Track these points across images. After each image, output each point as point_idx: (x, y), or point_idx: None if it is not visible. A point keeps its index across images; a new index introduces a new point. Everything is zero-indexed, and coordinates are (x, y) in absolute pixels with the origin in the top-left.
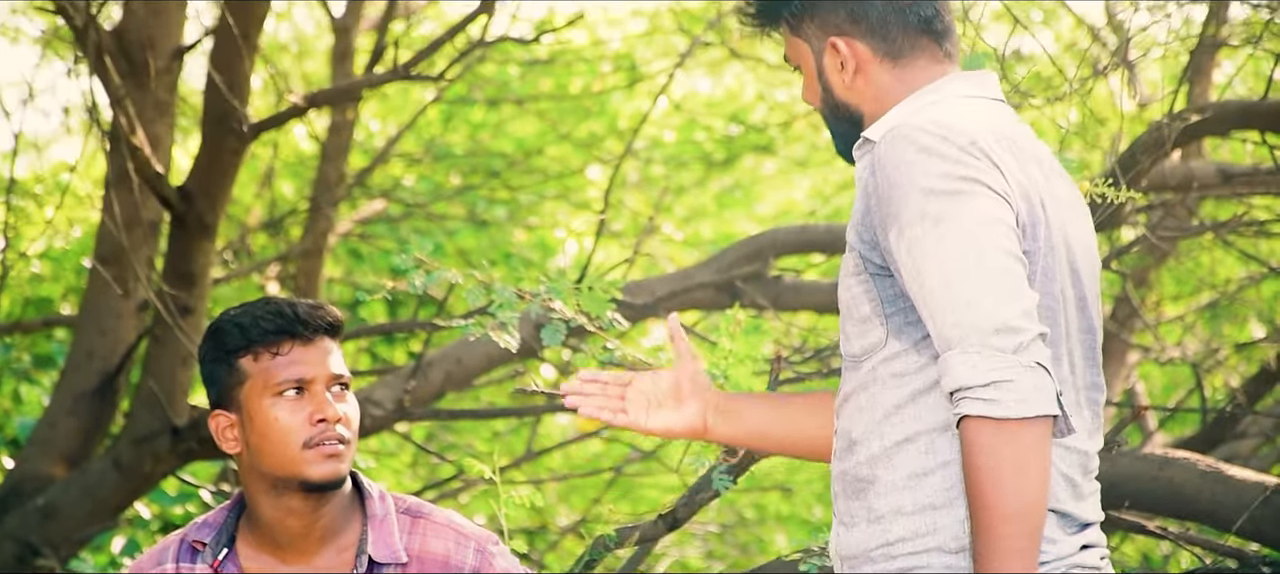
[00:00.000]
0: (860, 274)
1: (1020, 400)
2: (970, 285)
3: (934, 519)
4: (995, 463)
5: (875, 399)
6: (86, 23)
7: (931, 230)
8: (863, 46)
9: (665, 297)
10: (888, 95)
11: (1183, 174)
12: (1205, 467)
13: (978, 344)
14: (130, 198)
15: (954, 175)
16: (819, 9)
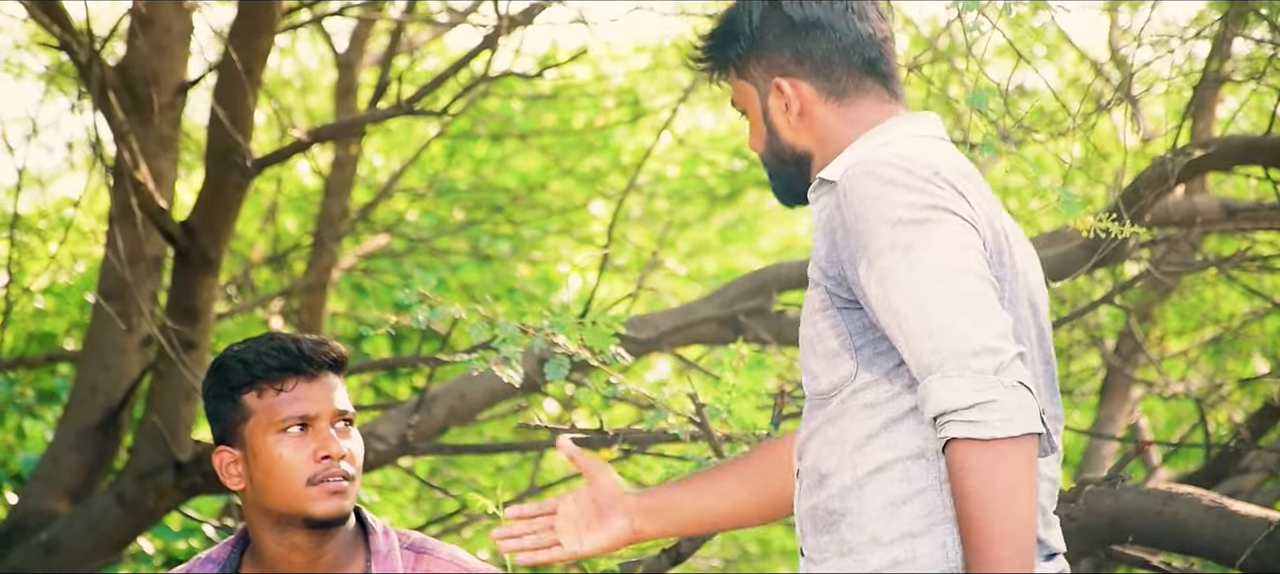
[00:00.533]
0: (826, 310)
1: (1006, 419)
2: (945, 310)
3: (913, 547)
4: (984, 485)
5: (845, 431)
6: (90, 58)
7: (902, 259)
8: (807, 87)
9: (668, 331)
10: (834, 135)
11: (1186, 209)
12: (1209, 502)
13: (958, 367)
14: (134, 233)
15: (920, 204)
16: (764, 50)
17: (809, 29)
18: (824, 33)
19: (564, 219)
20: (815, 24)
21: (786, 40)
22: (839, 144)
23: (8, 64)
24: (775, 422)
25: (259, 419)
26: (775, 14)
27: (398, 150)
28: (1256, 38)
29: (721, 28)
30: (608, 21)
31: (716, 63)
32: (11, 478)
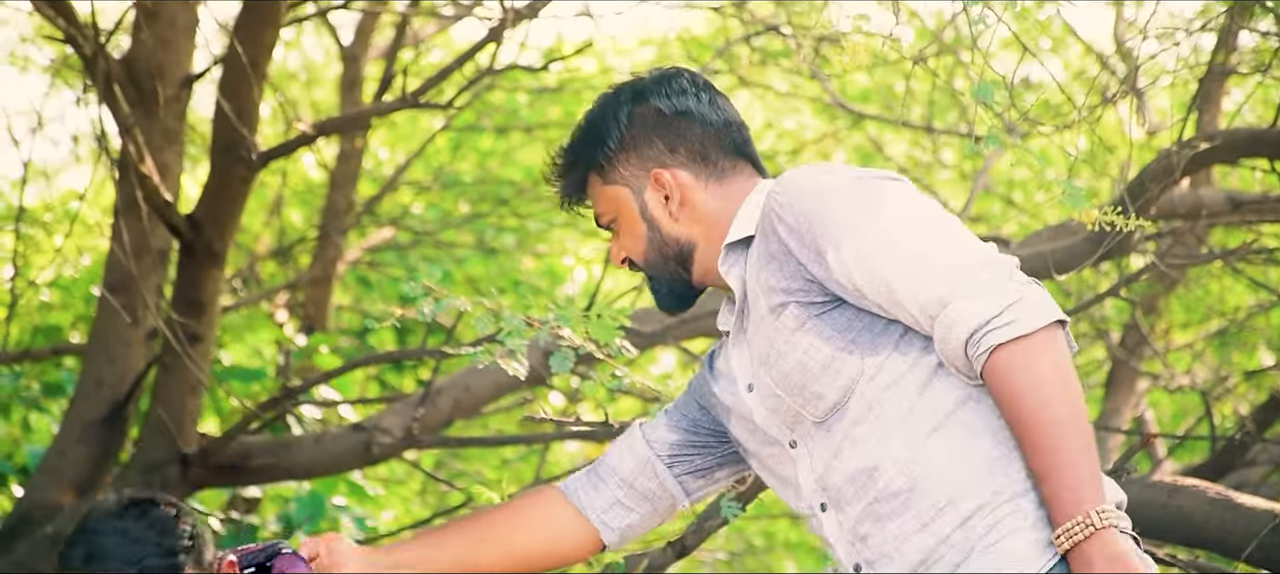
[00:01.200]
0: (804, 325)
1: (1038, 312)
2: (935, 244)
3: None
4: (1037, 377)
5: (881, 418)
6: (95, 52)
7: (869, 225)
8: (685, 175)
9: (674, 324)
10: (719, 214)
11: (1192, 202)
12: (1214, 494)
13: (973, 286)
14: (139, 226)
15: (860, 178)
16: (635, 147)
17: (679, 119)
18: (695, 121)
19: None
20: (686, 113)
21: (659, 133)
22: (727, 219)
23: (13, 57)
24: None
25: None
26: (644, 110)
27: (403, 143)
28: (1262, 31)
29: (585, 134)
30: (613, 14)
31: (581, 170)
32: (17, 471)
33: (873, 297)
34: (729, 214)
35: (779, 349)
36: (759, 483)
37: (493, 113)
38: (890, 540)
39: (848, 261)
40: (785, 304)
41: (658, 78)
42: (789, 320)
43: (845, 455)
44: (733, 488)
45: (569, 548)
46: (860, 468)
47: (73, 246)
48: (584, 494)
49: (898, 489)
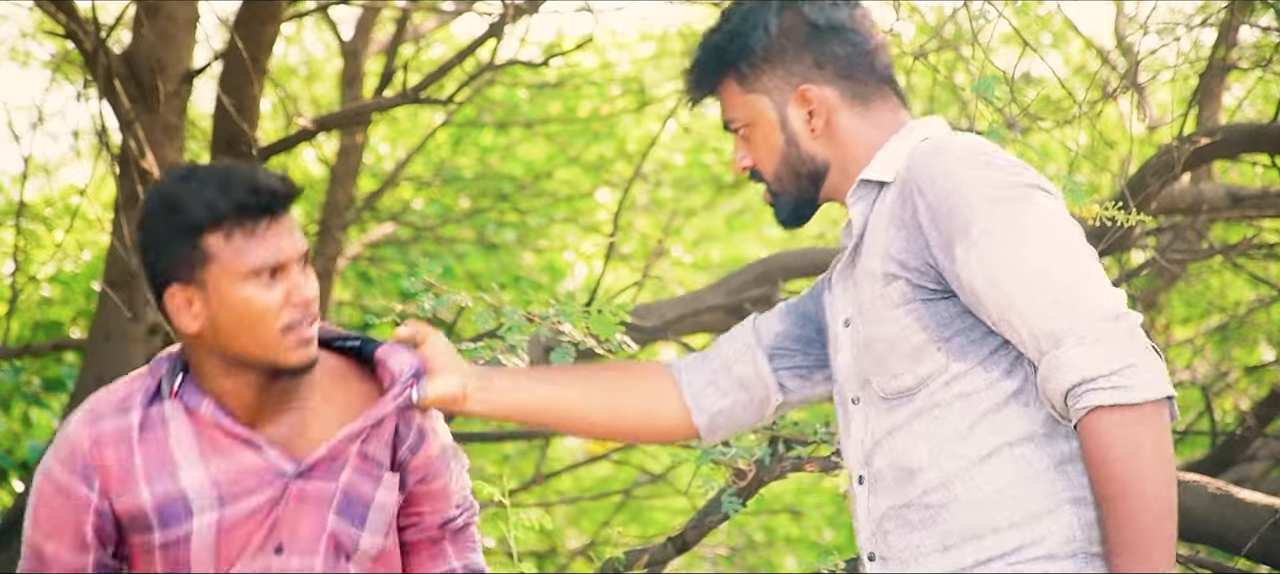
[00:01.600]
0: (909, 303)
1: (1150, 383)
2: (1068, 277)
3: (1040, 528)
4: (1134, 449)
5: (940, 424)
6: (96, 47)
7: (1008, 234)
8: (832, 92)
9: (674, 319)
10: (859, 140)
11: (1192, 197)
12: (1215, 489)
13: (1093, 334)
14: None
15: (1014, 182)
16: (783, 57)
17: (832, 33)
18: (846, 37)
19: (570, 207)
20: (838, 28)
21: (809, 46)
22: (867, 148)
23: (14, 52)
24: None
25: (226, 264)
26: (794, 18)
27: (403, 138)
28: (1263, 26)
29: (728, 35)
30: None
31: (719, 71)
32: (18, 466)
33: (989, 306)
34: (869, 142)
35: (877, 314)
36: (760, 479)
37: (493, 108)
38: (909, 549)
39: (976, 264)
40: (897, 277)
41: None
42: (894, 294)
43: (896, 443)
44: (733, 484)
45: (666, 424)
46: (905, 463)
47: (73, 242)
48: (687, 372)
49: (932, 502)
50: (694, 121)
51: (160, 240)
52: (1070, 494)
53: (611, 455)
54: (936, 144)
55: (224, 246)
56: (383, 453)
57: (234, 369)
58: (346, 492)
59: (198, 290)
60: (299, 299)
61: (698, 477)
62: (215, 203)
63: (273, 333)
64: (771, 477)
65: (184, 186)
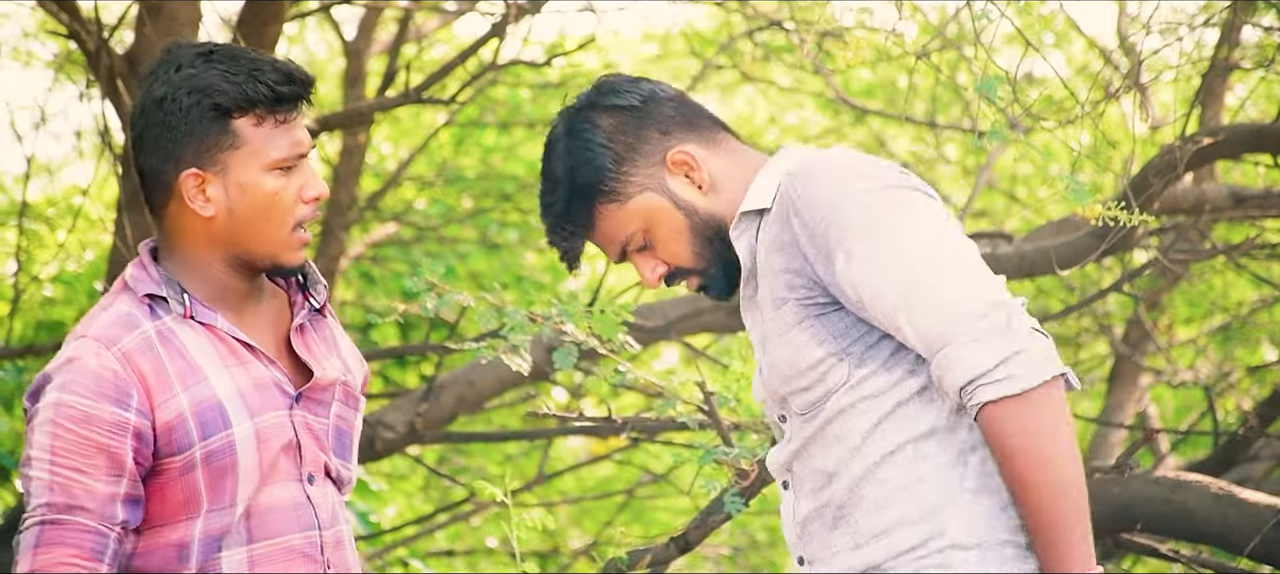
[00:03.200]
0: (802, 322)
1: (1034, 369)
2: (945, 279)
3: (941, 521)
4: (1030, 438)
5: (849, 427)
6: (98, 46)
7: (885, 241)
8: (691, 146)
9: (677, 320)
10: (734, 181)
11: (1195, 197)
12: (1218, 490)
13: (973, 332)
14: (142, 221)
15: (884, 186)
16: (633, 150)
17: (650, 104)
18: (662, 100)
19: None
20: (651, 97)
21: (644, 125)
22: (742, 184)
23: (16, 52)
24: None
25: (253, 150)
26: (612, 116)
27: (406, 138)
28: (1265, 25)
29: (571, 173)
30: (615, 10)
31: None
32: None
33: (874, 311)
34: (742, 178)
35: (777, 338)
36: (763, 478)
37: (496, 108)
38: (826, 549)
39: (855, 272)
40: (786, 300)
41: (594, 90)
42: (788, 316)
43: (813, 450)
44: (736, 483)
45: None
46: (822, 468)
47: (76, 242)
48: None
49: (842, 502)
50: None
51: (184, 120)
52: (972, 483)
53: (614, 455)
54: (806, 164)
55: (254, 132)
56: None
57: (227, 270)
58: (337, 426)
59: (218, 175)
60: (311, 195)
61: (700, 477)
62: (249, 87)
63: (284, 228)
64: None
65: (211, 69)
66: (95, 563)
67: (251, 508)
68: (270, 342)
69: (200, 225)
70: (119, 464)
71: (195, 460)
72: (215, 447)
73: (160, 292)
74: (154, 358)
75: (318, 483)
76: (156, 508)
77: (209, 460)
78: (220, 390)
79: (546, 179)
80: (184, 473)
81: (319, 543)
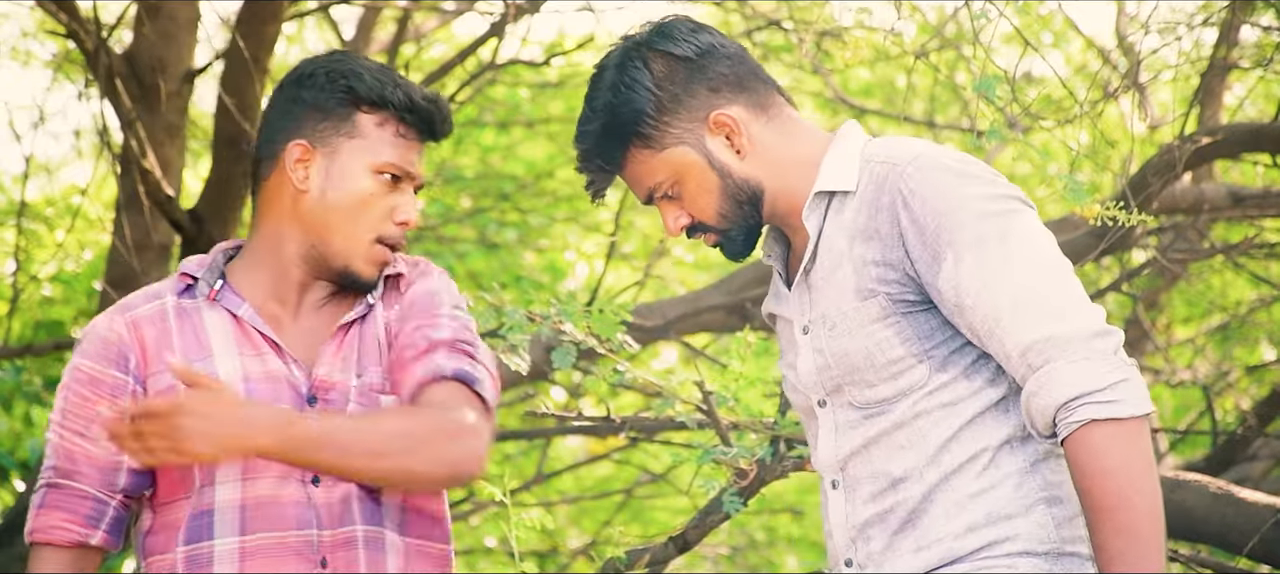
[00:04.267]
0: (888, 318)
1: (1140, 398)
2: (1056, 297)
3: (1013, 526)
4: (1127, 461)
5: (923, 433)
6: (97, 46)
7: (996, 251)
8: (739, 109)
9: (676, 319)
10: (778, 153)
11: (1193, 196)
12: (1216, 489)
13: (1084, 351)
14: (141, 221)
15: (998, 195)
16: (677, 101)
17: (707, 58)
18: (721, 57)
19: (571, 207)
20: (709, 51)
21: (695, 78)
22: (797, 158)
23: (14, 51)
24: (783, 409)
25: (368, 144)
26: (664, 62)
27: None
28: (1264, 25)
29: (612, 110)
30: (614, 9)
31: (621, 150)
32: (19, 465)
33: (974, 320)
34: (797, 152)
35: (849, 327)
36: (761, 478)
37: (494, 107)
38: (890, 553)
39: (963, 276)
40: (875, 293)
41: (655, 31)
42: (873, 309)
43: (875, 452)
44: (734, 483)
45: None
46: (886, 471)
47: (74, 241)
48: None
49: (913, 508)
50: None
51: (315, 94)
52: (1044, 493)
53: (613, 455)
54: (917, 156)
55: (374, 130)
56: (377, 372)
57: (299, 260)
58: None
59: (325, 156)
60: (402, 218)
61: (699, 476)
62: (387, 88)
63: (368, 234)
64: (773, 476)
65: (361, 63)
66: (89, 530)
67: (246, 500)
68: (310, 345)
69: (290, 199)
70: None
71: None
72: None
73: (197, 273)
74: (162, 328)
75: (325, 484)
76: (162, 484)
77: None
78: (222, 371)
79: (588, 106)
80: None
81: (314, 542)
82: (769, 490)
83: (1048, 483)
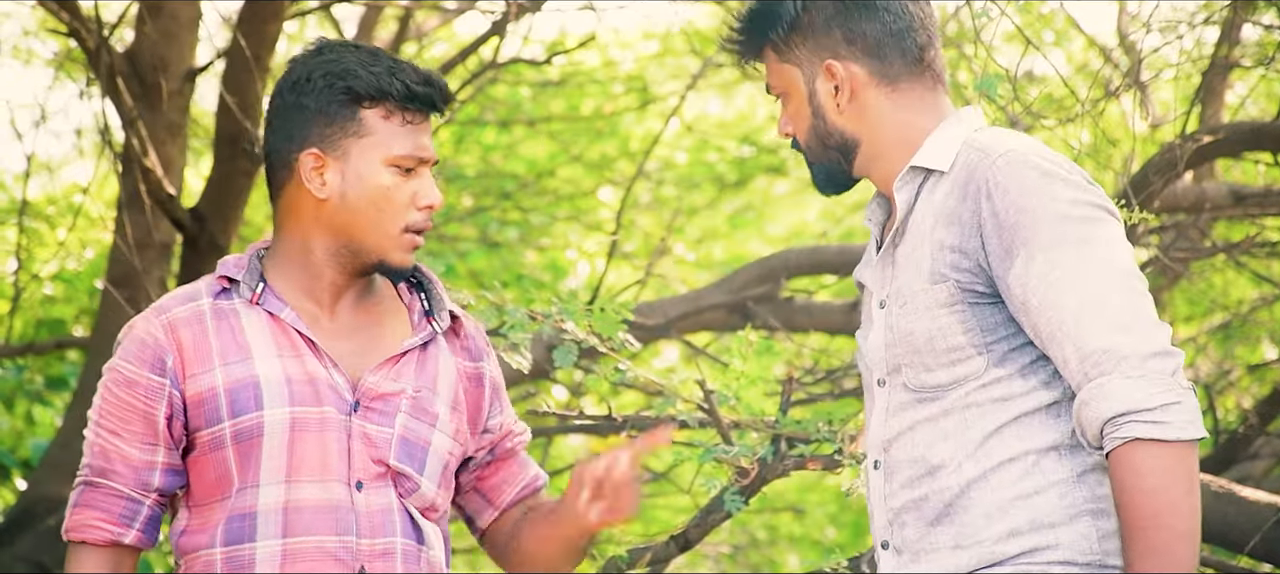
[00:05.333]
0: (954, 305)
1: (1189, 422)
2: (1122, 309)
3: (1054, 535)
4: (1168, 484)
5: (968, 424)
6: (99, 45)
7: (1071, 254)
8: (859, 69)
9: (677, 318)
10: (884, 121)
11: (1195, 195)
12: (1218, 488)
13: (1140, 368)
14: (143, 219)
15: (1084, 201)
16: (813, 30)
17: (861, 9)
18: (876, 14)
19: (572, 205)
20: (867, 6)
21: (837, 21)
22: (901, 130)
23: (16, 50)
24: (784, 408)
25: (377, 142)
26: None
27: None
28: (1265, 23)
29: (764, 3)
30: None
31: (756, 41)
32: (21, 464)
33: (1039, 322)
34: (903, 124)
35: (917, 308)
36: (762, 477)
37: (496, 106)
38: (925, 542)
39: (1035, 278)
40: (946, 278)
41: None
42: (942, 294)
43: (919, 436)
44: (736, 481)
45: None
46: (927, 457)
47: (76, 240)
48: None
49: (950, 500)
50: (696, 120)
51: (315, 100)
52: (1090, 505)
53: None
54: (1008, 148)
55: (381, 124)
56: (438, 406)
57: (329, 260)
58: (403, 437)
59: (338, 161)
60: (425, 203)
61: (700, 475)
62: (386, 80)
63: (395, 225)
64: (774, 475)
65: (351, 56)
66: (122, 529)
67: (289, 503)
68: (352, 348)
69: (311, 207)
70: (154, 430)
71: (225, 438)
72: (244, 426)
73: (236, 275)
74: (199, 331)
75: (367, 490)
76: (197, 485)
77: (238, 439)
78: (262, 373)
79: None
80: (214, 449)
81: (354, 549)
82: (770, 489)
83: (1095, 495)
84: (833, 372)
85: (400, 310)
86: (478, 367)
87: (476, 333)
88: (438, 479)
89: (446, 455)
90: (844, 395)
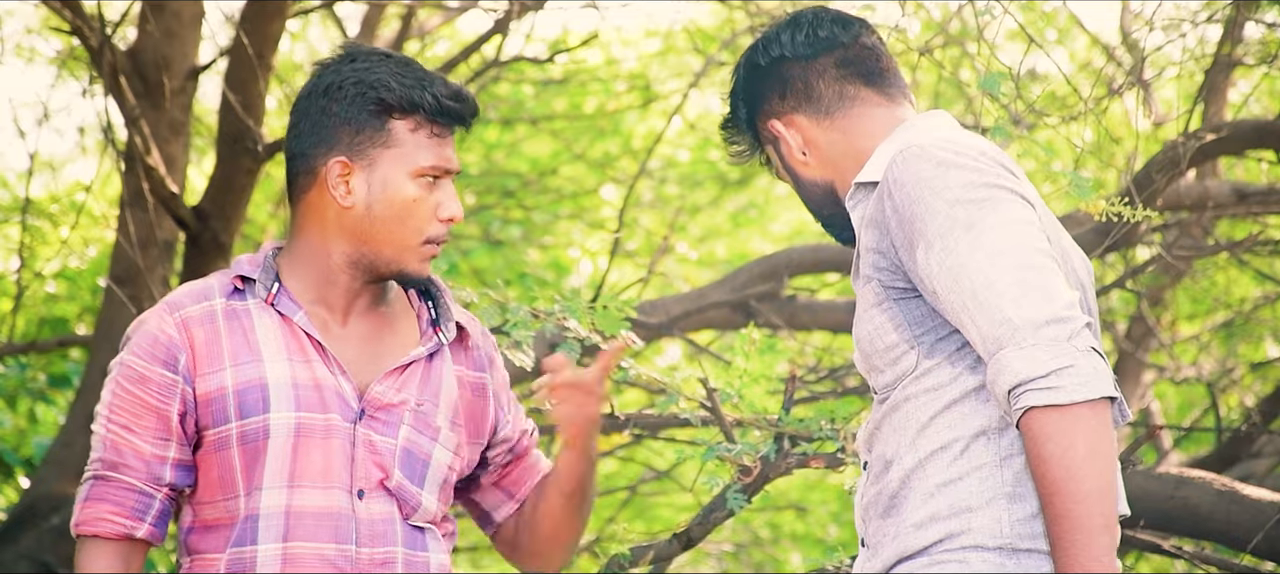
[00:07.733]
0: (881, 303)
1: (1082, 384)
2: (1015, 284)
3: (968, 520)
4: (1064, 449)
5: (909, 417)
6: (102, 43)
7: (964, 237)
8: (800, 118)
9: (680, 316)
10: (843, 151)
11: (1198, 193)
12: (1220, 486)
13: (1031, 338)
14: (145, 218)
15: (976, 183)
16: (757, 106)
17: (776, 66)
18: (790, 62)
19: (575, 204)
20: (779, 59)
21: (764, 86)
22: (855, 156)
23: (19, 48)
24: (786, 406)
25: (403, 153)
26: (750, 70)
27: None
28: (1268, 21)
29: (731, 104)
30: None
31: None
32: (23, 462)
33: (947, 307)
34: (851, 150)
35: (859, 314)
36: (765, 475)
37: (498, 105)
38: (880, 535)
39: (935, 265)
40: (872, 278)
41: (769, 31)
42: (870, 294)
43: (881, 434)
44: (738, 480)
45: None
46: (882, 455)
47: (79, 238)
48: None
49: (895, 492)
50: (699, 118)
51: (345, 108)
52: (1007, 489)
53: (617, 452)
54: (909, 146)
55: (409, 136)
56: (439, 419)
57: (346, 267)
58: (406, 448)
59: (364, 170)
60: (447, 215)
61: (703, 473)
62: (417, 93)
63: (416, 237)
64: (777, 473)
65: (383, 67)
66: (134, 522)
67: (291, 507)
68: (360, 355)
69: (334, 214)
70: (166, 426)
71: (231, 439)
72: (250, 428)
73: (252, 275)
74: (211, 330)
75: (368, 499)
76: (204, 483)
77: (243, 441)
78: (271, 376)
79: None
80: (220, 449)
81: (353, 557)
82: (773, 487)
83: (1017, 478)
84: (835, 370)
85: (410, 316)
86: (480, 377)
87: (483, 341)
88: (437, 493)
89: (446, 469)
90: (846, 393)
